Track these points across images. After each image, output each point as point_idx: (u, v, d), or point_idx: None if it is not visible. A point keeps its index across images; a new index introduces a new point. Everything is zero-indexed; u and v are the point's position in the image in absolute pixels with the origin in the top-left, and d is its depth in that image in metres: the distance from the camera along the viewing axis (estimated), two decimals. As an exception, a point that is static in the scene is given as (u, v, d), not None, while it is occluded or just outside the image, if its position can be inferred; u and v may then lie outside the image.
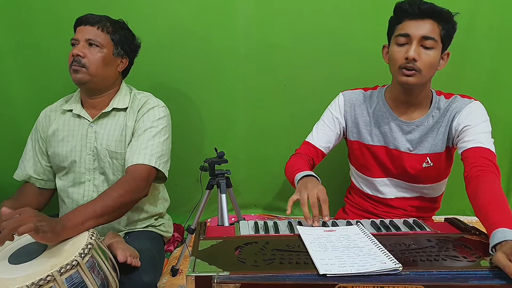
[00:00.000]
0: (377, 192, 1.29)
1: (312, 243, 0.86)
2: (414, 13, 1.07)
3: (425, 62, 1.07)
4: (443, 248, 0.84)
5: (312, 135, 1.30)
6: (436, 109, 1.17)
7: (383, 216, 1.27)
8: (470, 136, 1.08)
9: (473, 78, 1.66)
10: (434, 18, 1.06)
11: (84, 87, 1.21)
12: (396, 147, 1.21)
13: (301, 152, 1.29)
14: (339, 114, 1.27)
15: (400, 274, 0.73)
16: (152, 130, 1.20)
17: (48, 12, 1.56)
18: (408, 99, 1.16)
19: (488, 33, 1.61)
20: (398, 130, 1.20)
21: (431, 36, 1.06)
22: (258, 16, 1.61)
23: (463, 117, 1.12)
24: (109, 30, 1.20)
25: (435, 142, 1.17)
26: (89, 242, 0.89)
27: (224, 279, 0.71)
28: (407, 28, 1.07)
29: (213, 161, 1.37)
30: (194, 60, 1.65)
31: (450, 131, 1.15)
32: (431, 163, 1.19)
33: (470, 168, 1.02)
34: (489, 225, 0.84)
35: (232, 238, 0.93)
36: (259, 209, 1.90)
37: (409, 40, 1.07)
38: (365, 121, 1.25)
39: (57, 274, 0.80)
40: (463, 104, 1.14)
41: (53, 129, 1.25)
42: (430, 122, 1.17)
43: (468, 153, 1.06)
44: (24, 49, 1.59)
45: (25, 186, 1.30)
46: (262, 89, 1.70)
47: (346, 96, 1.28)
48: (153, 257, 1.16)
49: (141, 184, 1.11)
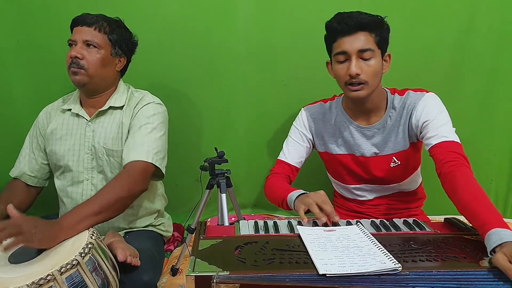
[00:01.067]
0: (356, 196, 1.31)
1: (312, 243, 0.86)
2: (344, 30, 1.08)
3: (368, 73, 1.08)
4: (443, 248, 0.84)
5: (283, 153, 1.32)
6: (392, 108, 1.18)
7: (369, 213, 1.29)
8: (432, 131, 1.09)
9: (473, 78, 1.66)
10: (365, 29, 1.07)
11: (84, 89, 1.21)
12: (361, 153, 1.22)
13: (277, 171, 1.31)
14: (304, 129, 1.29)
15: (399, 274, 0.73)
16: (148, 126, 1.19)
17: (48, 12, 1.56)
18: (363, 107, 1.18)
19: (488, 33, 1.61)
20: (361, 137, 1.21)
21: (367, 47, 1.07)
22: (258, 15, 1.61)
23: (420, 112, 1.12)
24: (106, 30, 1.20)
25: (398, 141, 1.18)
26: (89, 241, 0.89)
27: (224, 278, 0.71)
28: (342, 45, 1.08)
29: (213, 160, 1.37)
30: (194, 59, 1.65)
31: (411, 128, 1.16)
32: (398, 162, 1.20)
33: (441, 165, 1.02)
34: (479, 225, 0.85)
35: (232, 237, 0.94)
36: (259, 208, 1.90)
37: (347, 57, 1.08)
38: (329, 133, 1.26)
39: (57, 273, 0.80)
40: (416, 99, 1.14)
41: (52, 127, 1.25)
42: (389, 122, 1.18)
43: (434, 149, 1.07)
44: (24, 49, 1.59)
45: (13, 185, 1.27)
46: (262, 89, 1.70)
47: (308, 111, 1.30)
48: (153, 257, 1.16)
49: (137, 179, 1.11)
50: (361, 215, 1.30)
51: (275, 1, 1.59)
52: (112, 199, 1.03)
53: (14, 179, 1.29)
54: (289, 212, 1.88)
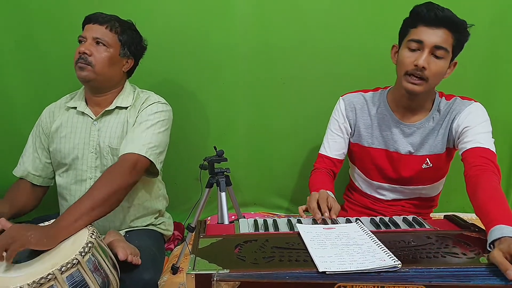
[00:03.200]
0: (376, 193, 1.30)
1: (312, 241, 0.86)
2: (430, 20, 1.04)
3: (433, 72, 1.06)
4: (443, 245, 0.84)
5: (324, 146, 1.31)
6: (436, 111, 1.17)
7: (382, 212, 1.28)
8: (470, 136, 1.08)
9: (473, 78, 1.66)
10: (449, 27, 1.04)
11: (88, 85, 1.21)
12: (396, 149, 1.21)
13: (319, 166, 1.30)
14: (343, 120, 1.27)
15: (399, 271, 0.73)
16: (147, 122, 1.20)
17: (46, 12, 1.55)
18: (411, 104, 1.16)
19: (488, 32, 1.60)
20: (399, 133, 1.20)
21: (443, 46, 1.04)
22: (257, 15, 1.61)
23: (463, 119, 1.12)
24: (118, 30, 1.21)
25: (435, 144, 1.18)
26: (89, 240, 0.89)
27: (224, 277, 0.71)
28: (421, 34, 1.05)
29: (213, 159, 1.37)
30: (193, 59, 1.65)
31: (450, 133, 1.15)
32: (430, 164, 1.20)
33: (470, 167, 1.02)
34: (487, 222, 0.85)
35: (232, 236, 0.94)
36: (259, 207, 1.91)
37: (421, 47, 1.06)
38: (365, 124, 1.25)
39: (58, 272, 0.80)
40: (462, 106, 1.14)
41: (57, 125, 1.25)
42: (430, 124, 1.17)
43: (467, 153, 1.07)
44: (22, 49, 1.58)
45: (18, 185, 1.27)
46: (261, 87, 1.70)
47: (346, 100, 1.27)
48: (154, 255, 1.16)
49: (126, 170, 1.09)
50: (372, 213, 1.29)
51: (273, 1, 1.59)
52: (105, 194, 1.02)
53: (20, 179, 1.29)
54: (289, 210, 1.89)
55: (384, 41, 1.23)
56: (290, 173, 1.82)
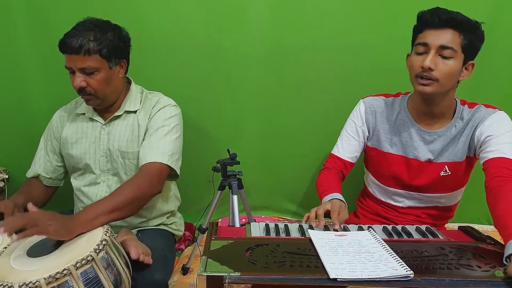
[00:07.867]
0: (391, 200, 1.28)
1: (323, 247, 0.86)
2: (434, 23, 1.05)
3: (442, 72, 1.05)
4: (456, 257, 0.83)
5: (337, 147, 1.30)
6: (459, 119, 1.15)
7: (395, 220, 1.26)
8: (493, 146, 1.06)
9: (491, 84, 1.63)
10: (455, 27, 1.04)
11: (99, 107, 1.23)
12: (415, 156, 1.19)
13: (329, 166, 1.29)
14: (361, 123, 1.26)
15: (411, 281, 0.72)
16: (164, 129, 1.21)
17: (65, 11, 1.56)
18: (429, 109, 1.15)
19: (507, 36, 1.56)
20: (419, 140, 1.18)
21: (449, 45, 1.04)
22: (271, 18, 1.60)
23: (486, 127, 1.10)
24: (95, 49, 1.11)
25: (455, 151, 1.16)
26: (104, 238, 0.91)
27: (235, 279, 0.72)
28: (426, 37, 1.06)
29: (226, 162, 1.38)
30: (206, 62, 1.65)
31: (472, 141, 1.13)
32: (449, 172, 1.18)
33: (491, 178, 1.00)
34: (505, 235, 0.83)
35: (243, 239, 0.94)
36: (270, 211, 1.90)
37: (427, 49, 1.06)
38: (385, 129, 1.23)
39: (73, 268, 0.82)
40: (486, 114, 1.12)
41: (67, 131, 1.28)
42: (452, 132, 1.16)
43: (490, 163, 1.04)
44: (41, 48, 1.60)
45: (32, 181, 1.31)
46: (275, 91, 1.70)
47: (367, 103, 1.26)
48: (165, 255, 1.17)
49: (153, 180, 1.13)
50: (385, 221, 1.27)
51: (287, 3, 1.58)
52: (127, 198, 1.05)
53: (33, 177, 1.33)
54: (299, 215, 1.88)
55: (401, 45, 1.21)
56: (301, 178, 1.82)
